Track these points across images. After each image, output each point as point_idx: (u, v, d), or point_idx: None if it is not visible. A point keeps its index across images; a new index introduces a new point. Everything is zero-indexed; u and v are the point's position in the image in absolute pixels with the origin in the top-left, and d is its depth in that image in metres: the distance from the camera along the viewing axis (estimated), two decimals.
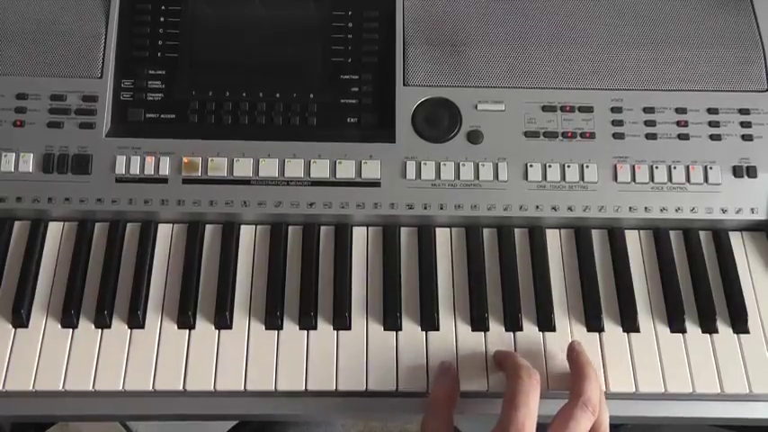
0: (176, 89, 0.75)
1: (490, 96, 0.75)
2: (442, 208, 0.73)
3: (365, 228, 0.74)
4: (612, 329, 0.70)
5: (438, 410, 0.63)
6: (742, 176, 0.74)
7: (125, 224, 0.73)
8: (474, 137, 0.74)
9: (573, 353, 0.66)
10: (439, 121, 0.75)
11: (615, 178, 0.74)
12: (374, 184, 0.73)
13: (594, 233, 0.74)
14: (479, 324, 0.69)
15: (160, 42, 0.76)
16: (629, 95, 0.76)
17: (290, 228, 0.74)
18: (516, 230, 0.74)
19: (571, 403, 0.61)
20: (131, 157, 0.72)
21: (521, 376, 0.61)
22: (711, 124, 0.75)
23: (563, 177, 0.73)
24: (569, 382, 0.63)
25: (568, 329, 0.70)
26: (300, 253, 0.72)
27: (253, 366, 0.67)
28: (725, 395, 0.67)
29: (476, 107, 0.75)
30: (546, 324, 0.70)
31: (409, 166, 0.73)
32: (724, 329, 0.70)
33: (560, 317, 0.70)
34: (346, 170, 0.73)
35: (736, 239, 0.74)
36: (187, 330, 0.69)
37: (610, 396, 0.66)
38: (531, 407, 0.59)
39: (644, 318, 0.70)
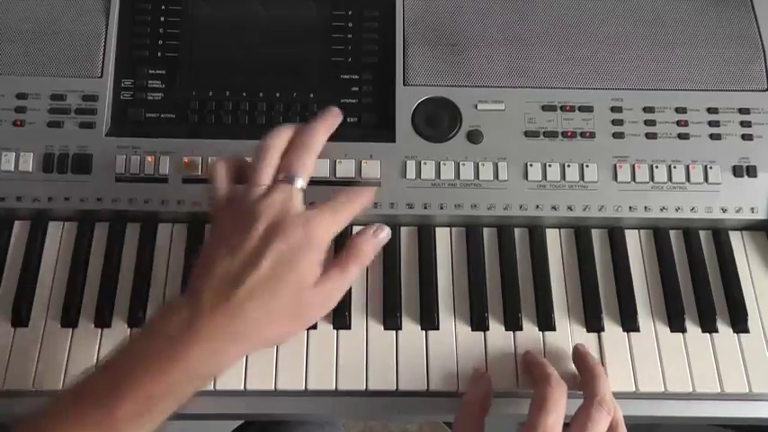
0: (176, 89, 0.75)
1: (490, 96, 0.75)
2: (442, 207, 0.73)
3: None
4: (612, 329, 0.70)
5: (470, 415, 0.63)
6: (742, 176, 0.74)
7: (125, 224, 0.73)
8: (474, 136, 0.74)
9: (579, 354, 0.67)
10: (439, 121, 0.74)
11: (615, 178, 0.73)
12: (374, 183, 0.73)
13: (594, 233, 0.74)
14: (479, 324, 0.69)
15: (160, 42, 0.76)
16: (629, 95, 0.76)
17: None
18: (516, 230, 0.74)
19: (587, 405, 0.61)
20: (131, 157, 0.72)
21: (551, 384, 0.61)
22: (711, 124, 0.75)
23: (563, 177, 0.73)
24: (581, 385, 0.64)
25: (568, 329, 0.70)
26: None
27: (253, 366, 0.67)
28: (725, 395, 0.67)
29: (476, 107, 0.75)
30: (546, 324, 0.70)
31: (409, 165, 0.73)
32: (724, 329, 0.70)
33: (560, 317, 0.70)
34: (346, 170, 0.73)
35: (736, 239, 0.74)
36: None
37: None
38: (560, 413, 0.60)
39: (644, 317, 0.70)
